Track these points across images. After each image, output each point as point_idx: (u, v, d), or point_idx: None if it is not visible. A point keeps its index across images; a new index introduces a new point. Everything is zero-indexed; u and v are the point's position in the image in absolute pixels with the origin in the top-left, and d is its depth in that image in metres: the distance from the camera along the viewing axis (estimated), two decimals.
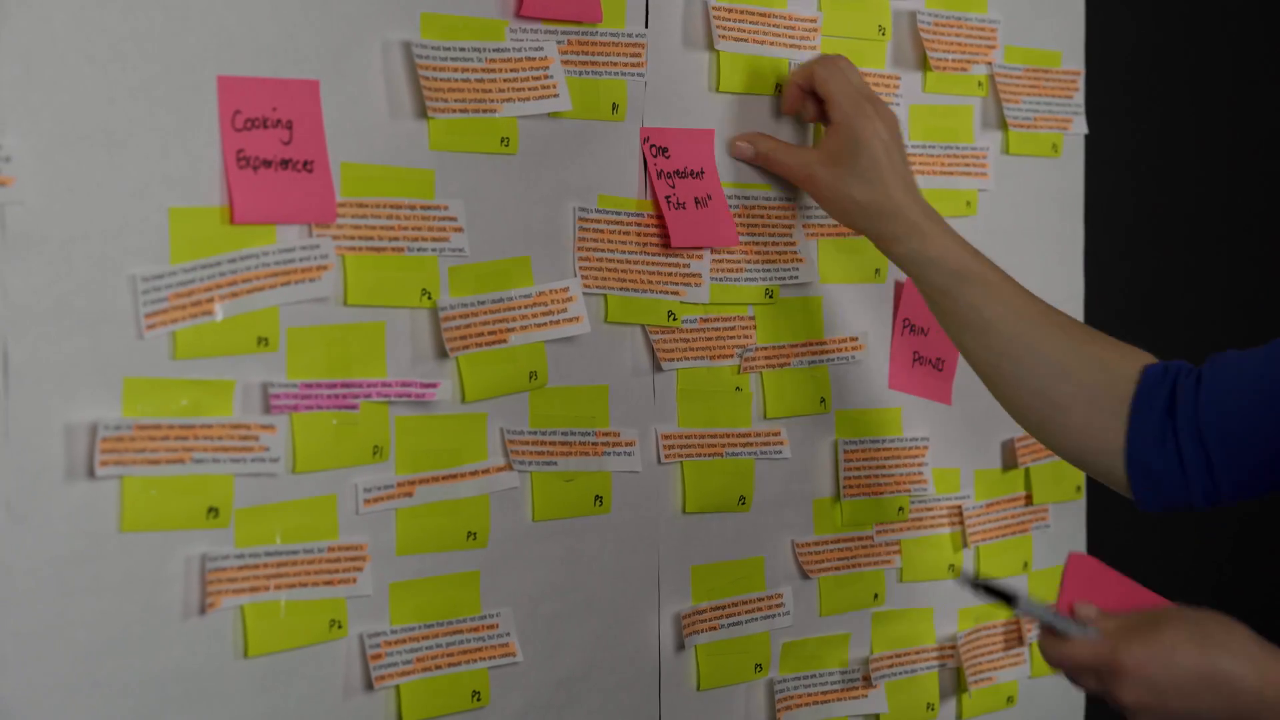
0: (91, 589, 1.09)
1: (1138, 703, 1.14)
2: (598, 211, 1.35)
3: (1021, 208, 1.66)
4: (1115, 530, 1.64)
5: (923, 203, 1.38)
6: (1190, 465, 1.28)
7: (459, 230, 1.26)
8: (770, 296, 1.46)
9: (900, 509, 1.56)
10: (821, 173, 1.38)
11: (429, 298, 1.24)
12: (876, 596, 1.55)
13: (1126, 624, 1.16)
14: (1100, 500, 1.73)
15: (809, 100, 1.43)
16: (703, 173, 1.41)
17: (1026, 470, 1.67)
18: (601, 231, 1.35)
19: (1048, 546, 1.69)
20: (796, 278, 1.48)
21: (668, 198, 1.39)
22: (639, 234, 1.37)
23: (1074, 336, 1.34)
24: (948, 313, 1.36)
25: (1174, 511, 1.33)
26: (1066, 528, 1.71)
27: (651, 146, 1.38)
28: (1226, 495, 1.29)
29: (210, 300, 1.14)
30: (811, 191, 1.41)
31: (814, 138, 1.49)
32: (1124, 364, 1.32)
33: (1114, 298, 1.82)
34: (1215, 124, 2.02)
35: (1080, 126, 1.70)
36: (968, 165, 1.61)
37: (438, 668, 1.26)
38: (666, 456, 1.39)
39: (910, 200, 1.37)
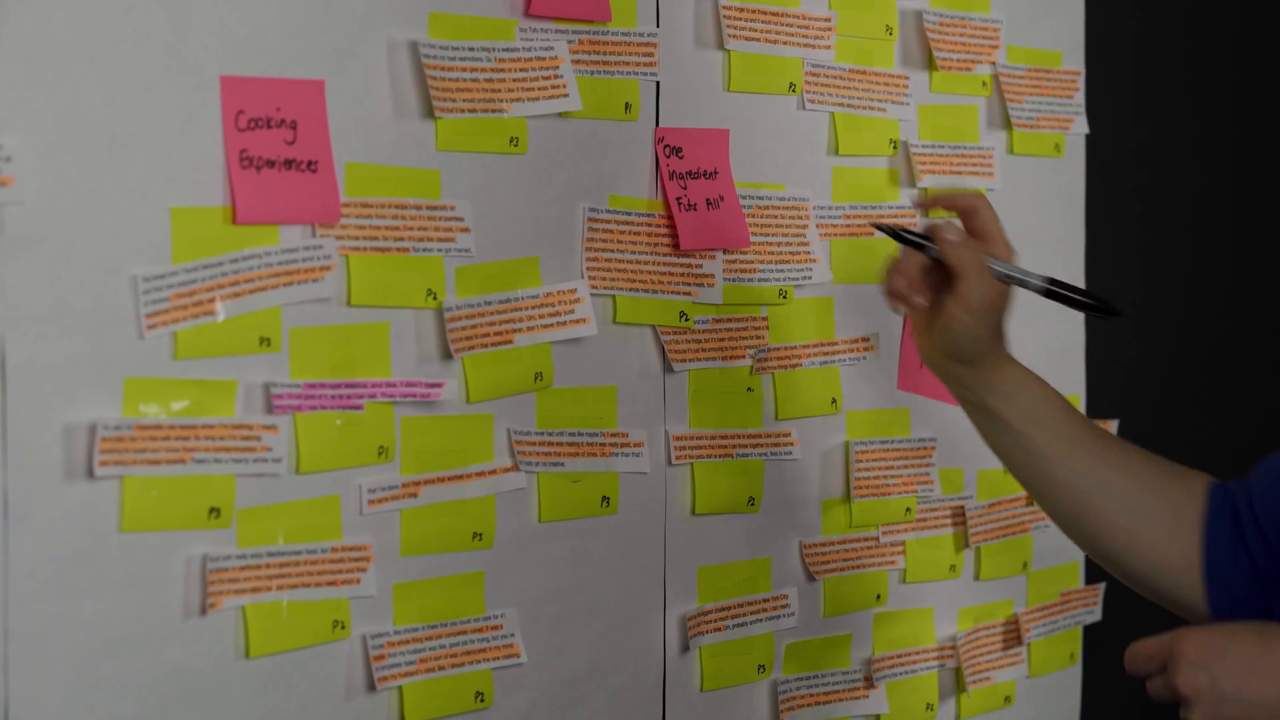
0: (92, 589, 1.09)
1: (1194, 689, 1.12)
2: (608, 212, 1.34)
3: (1025, 207, 1.66)
4: None
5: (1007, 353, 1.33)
6: (1265, 575, 1.25)
7: (465, 230, 1.25)
8: (784, 297, 1.46)
9: (908, 509, 1.56)
10: (998, 300, 1.28)
11: (434, 298, 1.24)
12: (879, 597, 1.54)
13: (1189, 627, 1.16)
14: None
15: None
16: (716, 173, 1.41)
17: None
18: (611, 232, 1.34)
19: (1047, 546, 1.69)
20: (810, 278, 1.48)
21: (679, 199, 1.38)
22: (650, 234, 1.37)
23: (1147, 454, 1.31)
24: (1033, 440, 1.30)
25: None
26: None
27: (665, 147, 1.38)
28: None
29: (212, 300, 1.13)
30: (973, 305, 1.26)
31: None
32: (1195, 479, 1.30)
33: (1115, 298, 1.81)
34: (1216, 124, 2.02)
35: (1081, 126, 1.70)
36: (975, 165, 1.61)
37: (441, 669, 1.26)
38: (678, 457, 1.39)
39: (1005, 352, 1.32)
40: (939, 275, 1.29)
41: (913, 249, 1.28)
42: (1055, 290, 1.30)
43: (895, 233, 1.29)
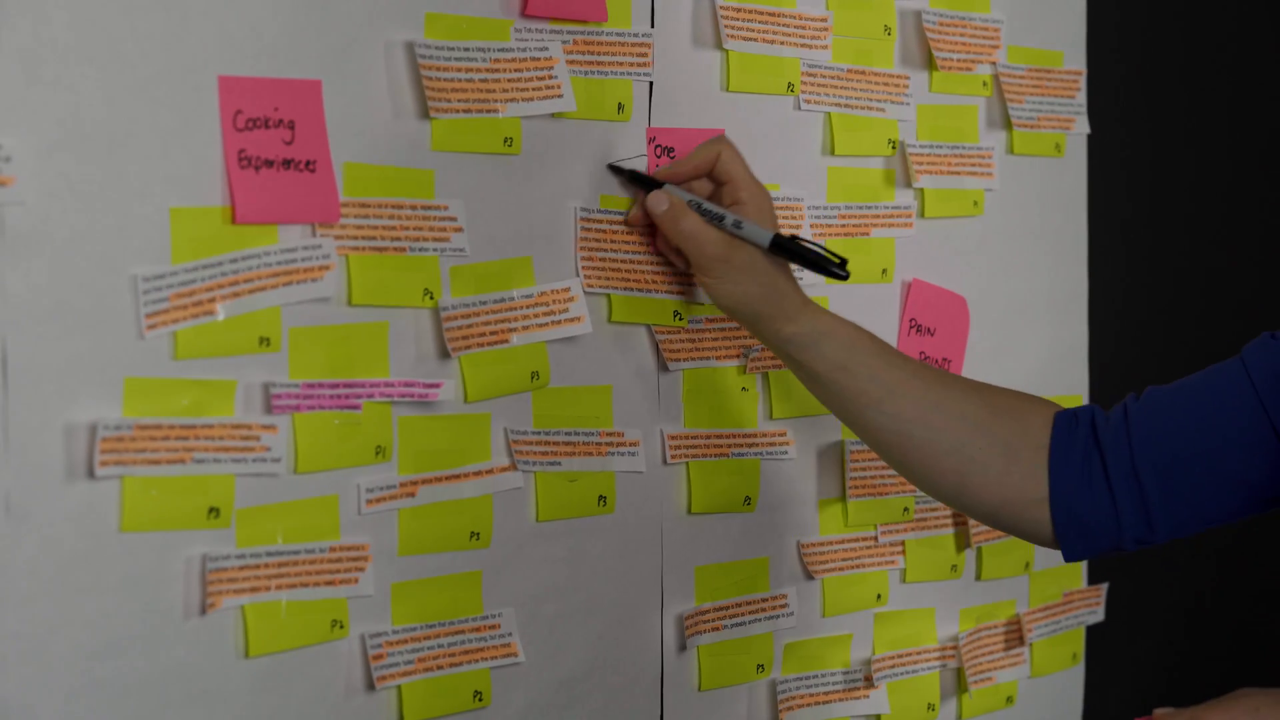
0: (91, 589, 1.09)
1: None
2: (600, 211, 1.34)
3: (1025, 208, 1.66)
4: None
5: (798, 285, 1.34)
6: (1124, 507, 1.25)
7: (459, 230, 1.26)
8: None
9: (905, 509, 1.56)
10: (734, 254, 1.30)
11: (431, 297, 1.24)
12: (880, 597, 1.55)
13: (1203, 706, 1.12)
14: None
15: (704, 181, 1.35)
16: None
17: None
18: (605, 231, 1.35)
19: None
20: (803, 279, 1.47)
21: None
22: (641, 234, 1.37)
23: (980, 391, 1.31)
24: (845, 388, 1.30)
25: (1100, 557, 1.30)
26: None
27: (658, 147, 1.38)
28: (1161, 534, 1.26)
29: (212, 300, 1.13)
30: (718, 268, 1.30)
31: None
32: (1035, 413, 1.29)
33: (1117, 298, 1.82)
34: (1217, 123, 2.02)
35: (1083, 126, 1.70)
36: (974, 165, 1.61)
37: (439, 668, 1.26)
38: (673, 457, 1.39)
39: (794, 283, 1.33)
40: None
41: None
42: (782, 244, 1.29)
43: (617, 169, 1.33)
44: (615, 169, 1.34)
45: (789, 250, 1.30)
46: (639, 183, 1.34)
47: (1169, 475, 1.25)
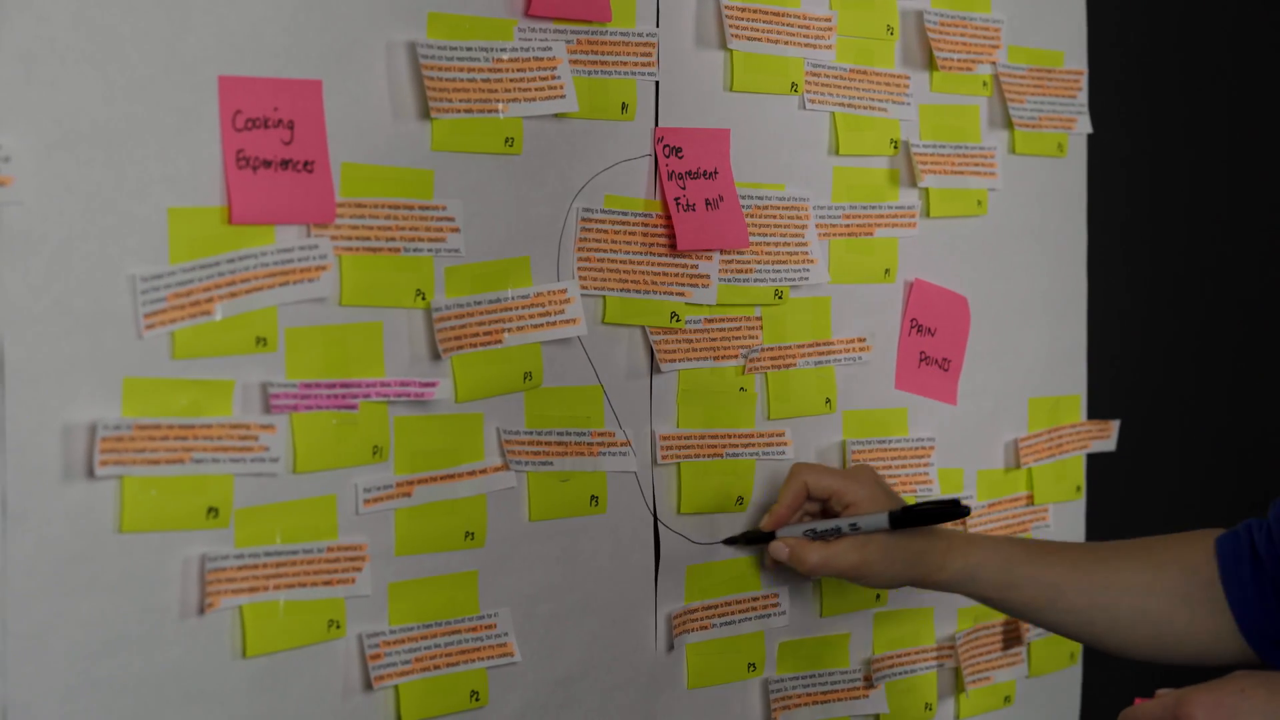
0: (91, 589, 1.09)
1: None
2: (602, 212, 1.34)
3: (1026, 208, 1.66)
4: (1112, 530, 1.64)
5: (934, 529, 1.39)
6: None
7: (455, 230, 1.26)
8: (779, 297, 1.46)
9: None
10: (868, 555, 1.36)
11: (423, 298, 1.24)
12: (879, 597, 1.54)
13: (1193, 687, 1.15)
14: (1100, 500, 1.73)
15: (810, 503, 1.41)
16: (716, 173, 1.41)
17: (1029, 470, 1.66)
18: (605, 232, 1.35)
19: None
20: (807, 279, 1.47)
21: (677, 199, 1.38)
22: (645, 234, 1.37)
23: (1135, 554, 1.34)
24: (1016, 603, 1.36)
25: None
26: (1066, 527, 1.71)
27: (665, 147, 1.38)
28: None
29: (209, 300, 1.13)
30: (864, 577, 1.37)
31: None
32: (1194, 550, 1.32)
33: (1117, 298, 1.81)
34: (1218, 123, 2.01)
35: (1084, 126, 1.69)
36: (977, 165, 1.61)
37: (436, 668, 1.26)
38: (664, 457, 1.39)
39: (929, 532, 1.37)
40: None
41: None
42: (900, 518, 1.35)
43: (733, 540, 1.42)
44: (730, 540, 1.42)
45: (909, 522, 1.35)
46: (756, 540, 1.42)
47: None
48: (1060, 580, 1.34)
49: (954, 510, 1.35)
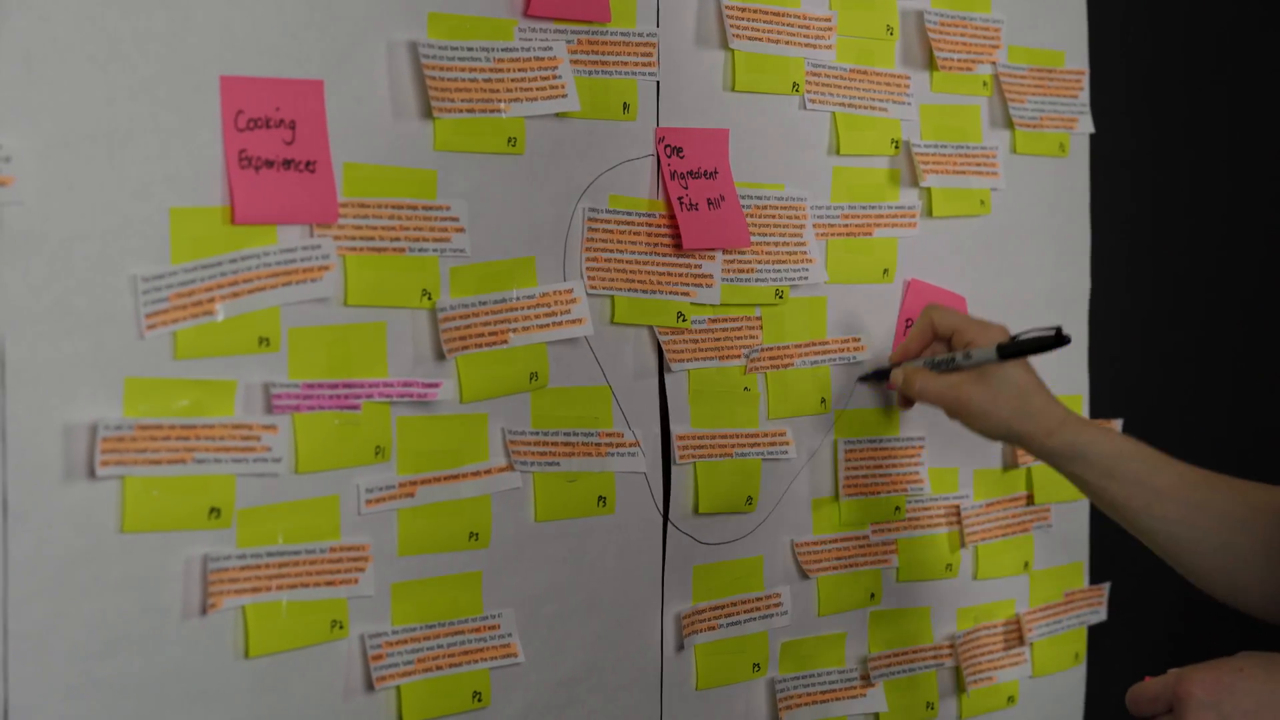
0: (91, 589, 1.09)
1: None
2: (608, 212, 1.34)
3: (1028, 207, 1.66)
4: (1117, 531, 1.63)
5: (1056, 399, 1.41)
6: None
7: (460, 230, 1.26)
8: (780, 297, 1.46)
9: (896, 509, 1.56)
10: (973, 390, 1.39)
11: (429, 298, 1.24)
12: (873, 596, 1.54)
13: (1194, 665, 1.16)
14: None
15: (938, 343, 1.45)
16: (716, 173, 1.41)
17: (1028, 470, 1.66)
18: (611, 232, 1.35)
19: (1049, 547, 1.69)
20: (807, 278, 1.47)
21: (680, 199, 1.38)
22: (649, 234, 1.37)
23: (1241, 490, 1.35)
24: (1115, 494, 1.37)
25: None
26: (1069, 527, 1.71)
27: (666, 147, 1.38)
28: None
29: (211, 300, 1.13)
30: (962, 410, 1.41)
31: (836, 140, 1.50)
32: None
33: (1119, 297, 1.81)
34: (1219, 123, 2.01)
35: (1086, 126, 1.69)
36: (979, 165, 1.61)
37: (439, 668, 1.26)
38: (682, 457, 1.39)
39: (1050, 398, 1.39)
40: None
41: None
42: (1007, 348, 1.38)
43: (865, 378, 1.48)
44: (863, 378, 1.48)
45: (1015, 350, 1.38)
46: (885, 375, 1.49)
47: None
48: (1163, 487, 1.35)
49: (1058, 338, 1.37)
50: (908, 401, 1.50)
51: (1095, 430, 1.38)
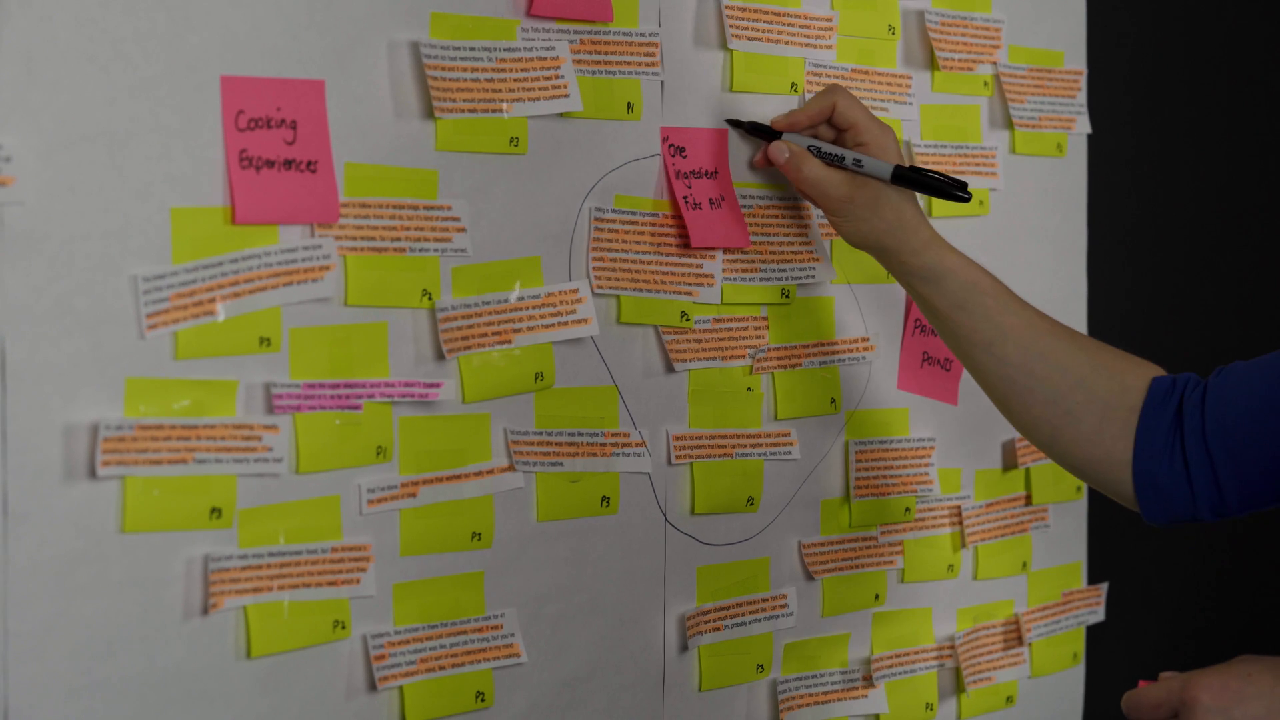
0: (92, 589, 1.09)
1: None
2: (613, 211, 1.34)
3: (1026, 207, 1.66)
4: (1115, 531, 1.64)
5: (926, 220, 1.39)
6: (1196, 477, 1.28)
7: (461, 230, 1.25)
8: (786, 296, 1.46)
9: (906, 509, 1.56)
10: (857, 194, 1.36)
11: (429, 298, 1.24)
12: (877, 597, 1.54)
13: (1199, 670, 1.15)
14: (1101, 501, 1.73)
15: (825, 126, 1.41)
16: (716, 173, 1.41)
17: (1026, 470, 1.66)
18: (616, 232, 1.35)
19: (1048, 547, 1.69)
20: (813, 277, 1.47)
21: (685, 198, 1.38)
22: (654, 234, 1.37)
23: (1086, 346, 1.34)
24: (961, 325, 1.35)
25: (1180, 524, 1.32)
26: (1067, 528, 1.71)
27: (670, 146, 1.38)
28: (1233, 507, 1.29)
29: (212, 300, 1.13)
30: (842, 209, 1.38)
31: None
32: (1135, 374, 1.32)
33: (1117, 298, 1.82)
34: (1217, 123, 2.02)
35: (1084, 126, 1.70)
36: (978, 165, 1.61)
37: (441, 669, 1.26)
38: (678, 457, 1.39)
39: (922, 218, 1.38)
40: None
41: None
42: (903, 176, 1.35)
43: (738, 124, 1.40)
44: (734, 122, 1.41)
45: (910, 180, 1.35)
46: (759, 133, 1.40)
47: (1238, 447, 1.27)
48: (1010, 328, 1.33)
49: (957, 188, 1.35)
50: (766, 163, 1.41)
51: (959, 258, 1.36)
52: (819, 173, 1.37)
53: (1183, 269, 1.99)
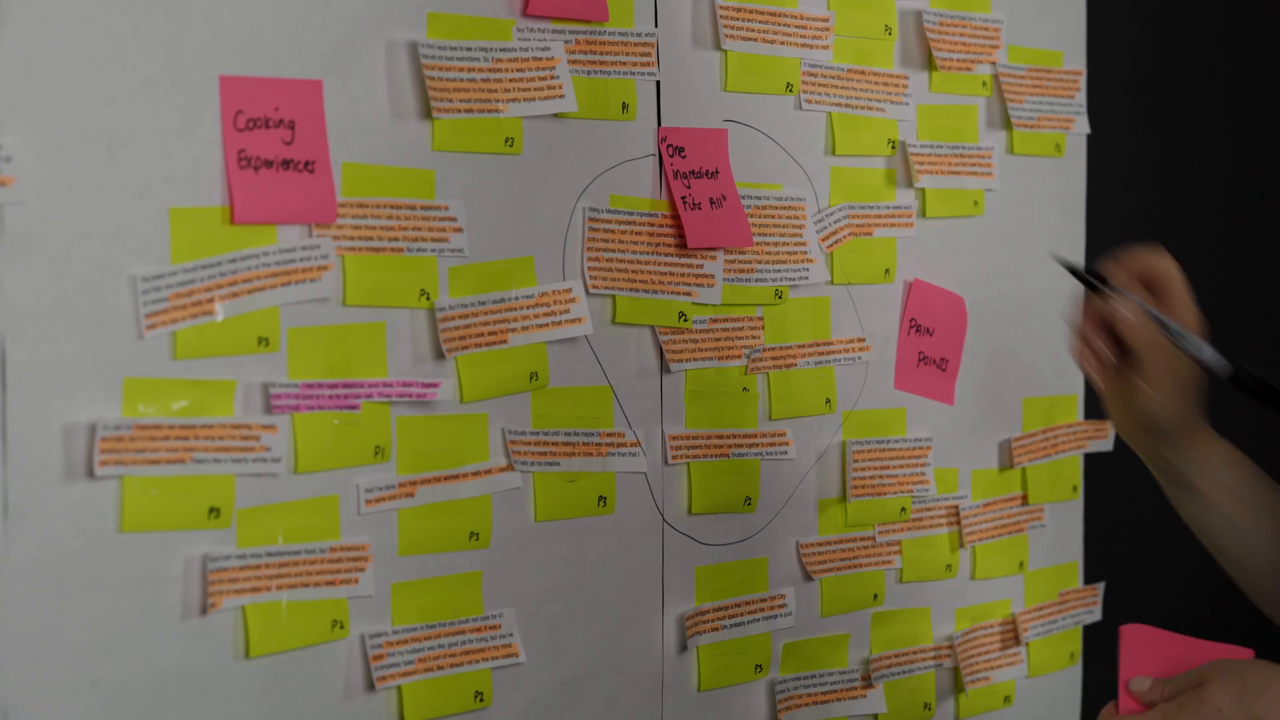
0: (91, 589, 1.09)
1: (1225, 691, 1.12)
2: (609, 212, 1.34)
3: (1024, 208, 1.66)
4: (1111, 531, 1.64)
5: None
6: None
7: (458, 230, 1.26)
8: (780, 297, 1.46)
9: (903, 509, 1.56)
10: (1182, 370, 1.27)
11: (427, 298, 1.24)
12: (876, 597, 1.55)
13: (1176, 686, 1.15)
14: (1097, 501, 1.73)
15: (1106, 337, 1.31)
16: (717, 173, 1.41)
17: (1023, 470, 1.66)
18: (613, 232, 1.35)
19: (1044, 546, 1.69)
20: (807, 278, 1.48)
21: (684, 198, 1.38)
22: (651, 234, 1.37)
23: None
24: (1227, 510, 1.30)
25: None
26: (1063, 528, 1.71)
27: (668, 146, 1.38)
28: None
29: (211, 300, 1.13)
30: (1166, 384, 1.27)
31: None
32: None
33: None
34: (1217, 124, 2.02)
35: (1083, 126, 1.70)
36: (974, 165, 1.61)
37: (440, 668, 1.26)
38: (674, 457, 1.39)
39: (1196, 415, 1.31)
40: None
41: (1092, 292, 1.28)
42: (1239, 378, 1.27)
43: (1076, 271, 1.29)
44: (1068, 265, 1.30)
45: (1248, 387, 1.26)
46: (1092, 284, 1.29)
47: None
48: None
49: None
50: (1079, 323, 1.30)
51: (1223, 444, 1.30)
52: (1149, 329, 1.26)
53: (1181, 268, 1.99)
